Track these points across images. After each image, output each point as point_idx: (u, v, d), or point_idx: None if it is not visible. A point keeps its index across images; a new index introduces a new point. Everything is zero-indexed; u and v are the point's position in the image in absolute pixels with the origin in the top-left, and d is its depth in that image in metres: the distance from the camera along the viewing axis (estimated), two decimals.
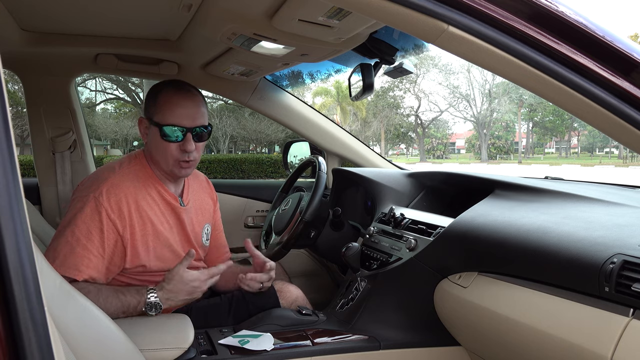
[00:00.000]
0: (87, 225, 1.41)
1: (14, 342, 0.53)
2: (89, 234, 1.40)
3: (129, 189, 1.48)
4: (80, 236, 1.40)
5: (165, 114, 1.48)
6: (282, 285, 1.78)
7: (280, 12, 1.32)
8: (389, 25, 1.07)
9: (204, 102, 1.56)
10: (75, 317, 0.92)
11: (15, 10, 1.62)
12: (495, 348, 1.32)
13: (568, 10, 0.86)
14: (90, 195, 1.43)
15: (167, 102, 1.49)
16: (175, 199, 1.58)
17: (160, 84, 1.55)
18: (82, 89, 25.84)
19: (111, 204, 1.43)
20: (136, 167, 1.54)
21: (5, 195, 0.52)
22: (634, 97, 0.86)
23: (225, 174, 16.64)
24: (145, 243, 1.50)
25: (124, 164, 1.55)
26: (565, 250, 1.07)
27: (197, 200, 1.69)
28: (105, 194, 1.44)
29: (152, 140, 1.52)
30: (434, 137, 47.07)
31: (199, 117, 1.51)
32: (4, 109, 0.53)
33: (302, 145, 2.52)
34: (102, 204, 1.42)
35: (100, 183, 1.46)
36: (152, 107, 1.51)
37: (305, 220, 1.79)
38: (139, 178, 1.52)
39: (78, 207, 1.43)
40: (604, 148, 48.54)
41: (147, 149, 1.57)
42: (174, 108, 1.48)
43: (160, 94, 1.51)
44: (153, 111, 1.50)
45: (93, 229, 1.41)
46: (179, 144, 1.49)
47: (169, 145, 1.49)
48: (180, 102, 1.49)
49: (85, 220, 1.41)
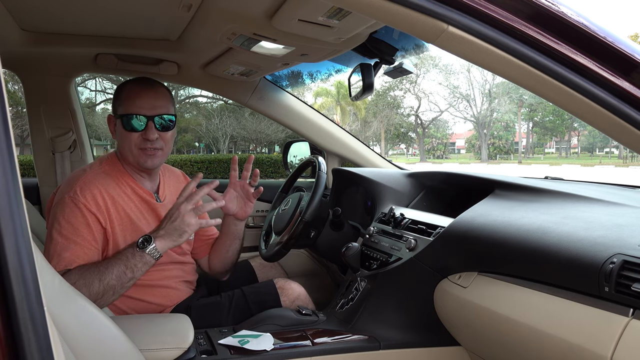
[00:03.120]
0: (71, 224, 1.43)
1: (14, 342, 0.53)
2: (76, 231, 1.42)
3: (101, 185, 1.50)
4: (69, 234, 1.42)
5: (127, 105, 1.53)
6: (284, 282, 1.78)
7: (280, 12, 1.32)
8: (389, 25, 1.07)
9: (167, 94, 1.59)
10: (75, 317, 0.92)
11: (15, 10, 1.62)
12: (495, 348, 1.32)
13: (568, 10, 0.86)
14: (65, 197, 1.45)
15: (128, 95, 1.55)
16: (150, 196, 1.59)
17: (125, 81, 1.61)
18: (82, 89, 25.85)
19: (87, 200, 1.45)
20: (107, 166, 1.57)
21: (5, 195, 0.52)
22: (634, 97, 0.86)
23: (225, 174, 16.66)
24: (124, 237, 1.50)
25: (94, 165, 1.59)
26: (565, 250, 1.07)
27: (174, 196, 1.68)
28: (80, 192, 1.46)
29: (118, 134, 1.56)
30: (434, 137, 47.08)
31: (160, 106, 1.54)
32: (4, 109, 0.53)
33: (302, 145, 2.52)
34: (80, 201, 1.44)
35: (72, 184, 1.48)
36: (116, 102, 1.57)
37: (305, 220, 1.79)
38: (110, 176, 1.55)
39: (58, 211, 1.45)
40: (604, 148, 48.54)
41: (118, 147, 1.60)
42: (134, 98, 1.54)
43: (123, 89, 1.57)
44: (117, 105, 1.56)
45: (79, 225, 1.43)
46: (140, 133, 1.53)
47: (131, 135, 1.53)
48: (140, 93, 1.54)
49: (69, 219, 1.43)
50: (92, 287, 1.32)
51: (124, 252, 1.39)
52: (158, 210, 1.60)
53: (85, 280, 1.33)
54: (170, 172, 1.78)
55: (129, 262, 1.36)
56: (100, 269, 1.35)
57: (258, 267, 2.07)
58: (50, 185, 2.27)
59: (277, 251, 1.85)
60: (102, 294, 1.33)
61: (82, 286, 1.31)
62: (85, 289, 1.31)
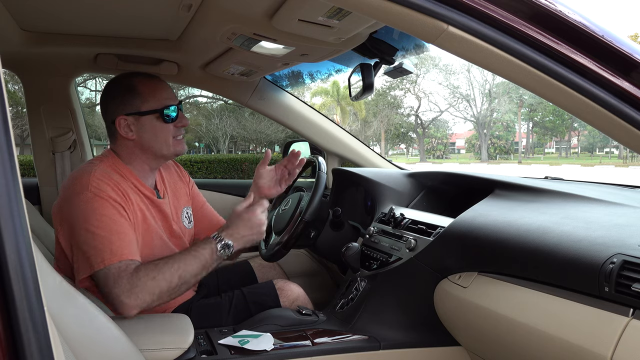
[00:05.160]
0: (106, 216, 1.36)
1: (14, 342, 0.53)
2: (114, 222, 1.36)
3: (111, 180, 1.45)
4: (110, 226, 1.35)
5: (157, 99, 1.52)
6: (284, 283, 1.78)
7: (280, 12, 1.32)
8: (389, 25, 1.07)
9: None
10: (75, 316, 0.92)
11: (15, 10, 1.62)
12: (495, 348, 1.32)
13: (568, 10, 0.86)
14: (86, 192, 1.38)
15: (151, 90, 1.52)
16: (152, 192, 1.57)
17: (118, 80, 1.56)
18: (82, 89, 25.82)
19: (107, 191, 1.40)
20: (110, 163, 1.51)
21: (5, 195, 0.53)
22: (634, 97, 0.86)
23: (225, 174, 16.64)
24: (138, 232, 1.47)
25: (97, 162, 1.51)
26: (565, 250, 1.07)
27: (171, 188, 1.69)
28: (97, 184, 1.39)
29: (147, 130, 1.51)
30: (434, 137, 47.08)
31: (173, 93, 1.57)
32: (4, 109, 0.53)
33: (302, 145, 2.52)
34: (104, 193, 1.38)
35: (86, 180, 1.40)
36: (134, 100, 1.51)
37: (305, 220, 1.79)
38: (116, 171, 1.50)
39: (86, 208, 1.36)
40: (604, 148, 48.53)
41: (125, 146, 1.54)
42: (160, 92, 1.53)
43: (136, 86, 1.52)
44: (138, 103, 1.51)
45: (113, 215, 1.37)
46: (175, 122, 1.54)
47: (168, 127, 1.52)
48: (160, 85, 1.55)
49: (102, 212, 1.36)
50: (172, 282, 1.35)
51: (201, 252, 1.40)
52: (160, 207, 1.58)
53: (165, 275, 1.34)
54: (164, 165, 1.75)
55: (207, 263, 1.40)
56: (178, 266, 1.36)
57: (258, 268, 2.07)
58: (50, 185, 2.27)
59: (277, 251, 1.85)
60: (177, 289, 1.37)
61: (162, 280, 1.32)
62: (165, 283, 1.33)
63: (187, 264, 1.37)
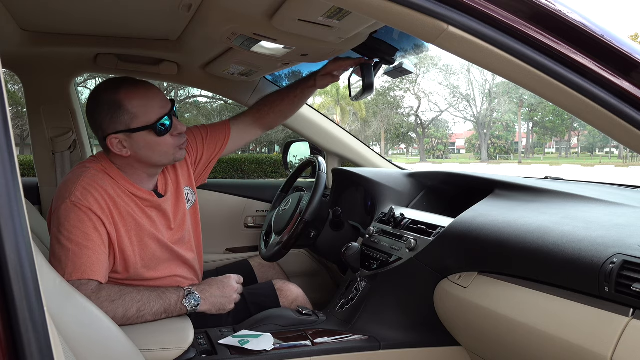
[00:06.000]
0: (79, 229, 1.35)
1: (14, 342, 0.53)
2: (86, 236, 1.36)
3: (100, 186, 1.42)
4: (80, 240, 1.35)
5: (146, 113, 1.43)
6: (283, 284, 1.78)
7: (280, 12, 1.32)
8: (389, 25, 1.07)
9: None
10: (75, 317, 0.92)
11: (15, 10, 1.62)
12: (495, 348, 1.32)
13: (568, 10, 0.86)
14: (67, 201, 1.37)
15: (139, 104, 1.43)
16: (150, 194, 1.53)
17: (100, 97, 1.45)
18: (82, 89, 25.75)
19: (90, 202, 1.38)
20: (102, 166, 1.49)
21: (5, 195, 0.53)
22: (634, 97, 0.86)
23: (225, 174, 16.63)
24: (129, 238, 1.46)
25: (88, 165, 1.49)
26: (565, 250, 1.07)
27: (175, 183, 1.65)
28: (81, 195, 1.38)
29: (142, 147, 1.45)
30: (434, 137, 47.09)
31: (164, 97, 1.49)
32: (4, 109, 0.53)
33: (302, 145, 2.52)
34: (82, 204, 1.37)
35: (71, 187, 1.40)
36: (122, 117, 1.42)
37: (305, 220, 1.79)
38: (108, 177, 1.47)
39: (62, 217, 1.37)
40: (604, 148, 48.54)
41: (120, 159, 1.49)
42: (148, 103, 1.43)
43: (122, 102, 1.42)
44: (127, 121, 1.42)
45: (87, 229, 1.36)
46: (170, 131, 1.47)
47: (164, 139, 1.46)
48: (148, 95, 1.45)
49: (76, 225, 1.35)
50: (129, 311, 1.32)
51: (169, 295, 1.38)
52: (162, 206, 1.55)
53: (125, 302, 1.32)
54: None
55: (170, 308, 1.37)
56: (141, 299, 1.34)
57: (257, 267, 2.07)
58: (50, 185, 2.27)
59: (277, 251, 1.85)
60: (132, 320, 1.33)
61: (120, 306, 1.30)
62: (122, 309, 1.30)
63: (150, 300, 1.35)
